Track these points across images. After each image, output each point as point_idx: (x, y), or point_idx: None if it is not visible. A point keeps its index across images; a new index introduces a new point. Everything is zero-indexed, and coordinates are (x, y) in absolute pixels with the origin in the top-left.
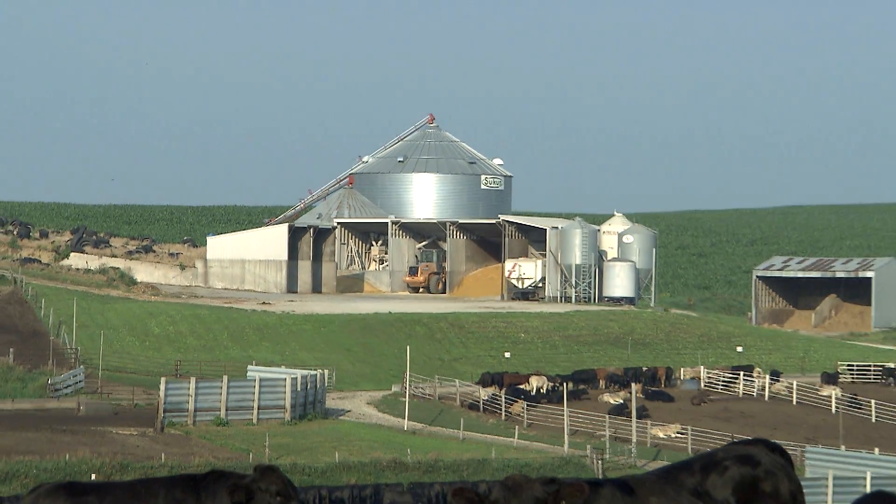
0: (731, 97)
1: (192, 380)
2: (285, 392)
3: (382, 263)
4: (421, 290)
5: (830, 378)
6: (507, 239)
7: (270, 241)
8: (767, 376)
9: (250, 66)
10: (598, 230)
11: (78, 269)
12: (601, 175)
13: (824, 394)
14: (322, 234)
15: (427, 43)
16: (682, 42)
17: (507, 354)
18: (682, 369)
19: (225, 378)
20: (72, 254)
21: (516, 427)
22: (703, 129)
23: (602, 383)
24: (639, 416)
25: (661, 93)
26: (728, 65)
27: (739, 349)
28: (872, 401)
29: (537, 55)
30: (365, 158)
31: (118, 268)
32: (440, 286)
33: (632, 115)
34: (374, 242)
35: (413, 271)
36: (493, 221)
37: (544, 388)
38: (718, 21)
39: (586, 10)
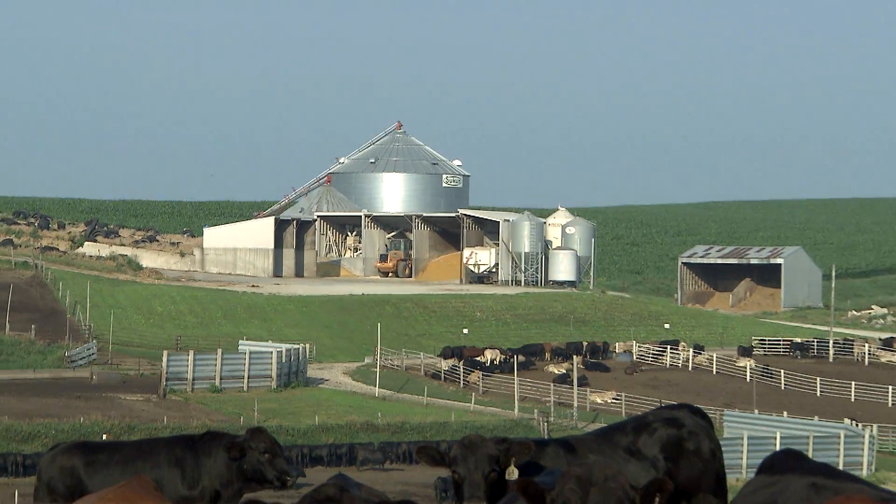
0: (659, 105)
1: (191, 352)
2: (272, 363)
3: (356, 251)
4: (390, 274)
5: (746, 351)
6: (465, 230)
7: (259, 232)
8: (691, 349)
9: (245, 82)
10: (544, 222)
11: (91, 256)
12: (547, 175)
13: (740, 365)
14: (304, 226)
15: (396, 59)
16: (614, 56)
17: (465, 331)
18: (616, 343)
19: (219, 351)
20: (86, 243)
21: (473, 394)
22: (636, 133)
23: (548, 356)
24: (579, 384)
25: (599, 102)
26: (653, 75)
27: (667, 326)
28: (782, 371)
29: (493, 70)
30: (341, 160)
31: (126, 255)
32: (407, 271)
33: (574, 122)
34: (349, 233)
35: (383, 258)
36: (453, 215)
37: (497, 360)
38: (647, 31)
39: (531, 33)
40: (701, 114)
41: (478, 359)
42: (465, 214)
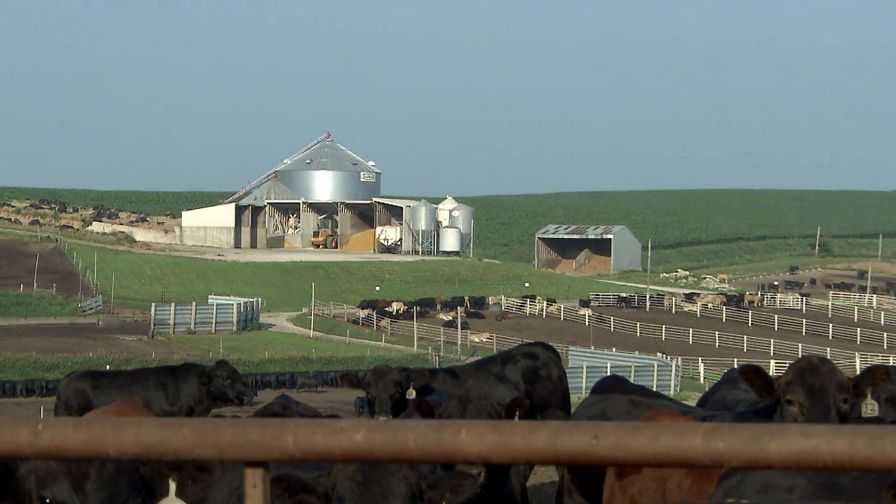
0: (522, 116)
1: (172, 304)
2: (233, 313)
3: (296, 229)
4: (321, 246)
5: (585, 303)
6: (377, 214)
7: (223, 215)
8: (545, 302)
9: (216, 100)
10: (436, 208)
11: (98, 232)
12: (439, 172)
13: (581, 313)
14: (257, 210)
15: (328, 86)
16: (481, 82)
17: (378, 288)
18: (490, 297)
19: (193, 304)
20: (94, 222)
21: (383, 335)
22: (504, 141)
23: (439, 307)
24: (462, 328)
25: (479, 117)
26: (516, 94)
27: (527, 285)
28: (612, 318)
29: (399, 95)
30: (285, 161)
31: (124, 232)
32: (334, 244)
33: (460, 132)
34: (290, 215)
35: (316, 234)
36: (369, 202)
37: (402, 310)
38: (507, 51)
39: (423, 65)
40: (552, 123)
41: (387, 309)
42: (377, 202)
